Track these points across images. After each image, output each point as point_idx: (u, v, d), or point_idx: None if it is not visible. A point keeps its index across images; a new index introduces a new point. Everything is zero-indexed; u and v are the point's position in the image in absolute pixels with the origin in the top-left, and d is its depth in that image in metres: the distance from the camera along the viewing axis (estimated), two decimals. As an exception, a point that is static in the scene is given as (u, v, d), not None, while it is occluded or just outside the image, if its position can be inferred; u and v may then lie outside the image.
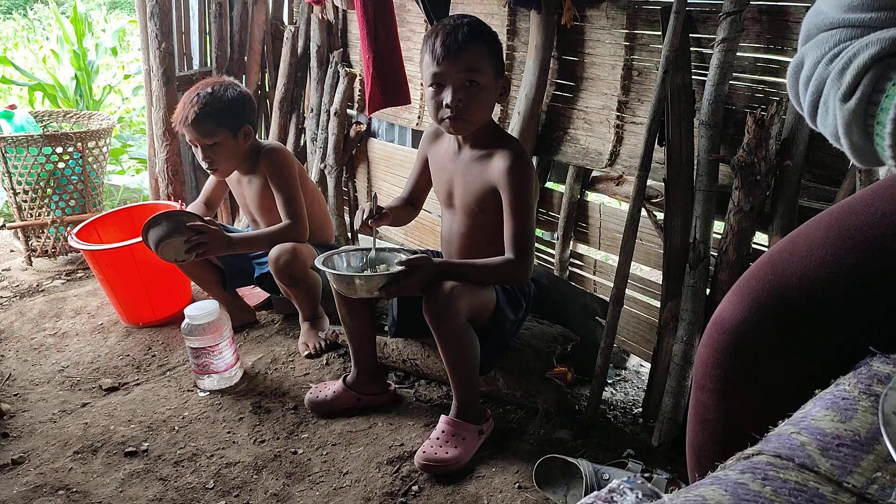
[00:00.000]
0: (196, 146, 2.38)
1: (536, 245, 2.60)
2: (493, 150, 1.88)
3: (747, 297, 0.92)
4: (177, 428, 2.09)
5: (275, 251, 2.34)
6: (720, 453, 0.93)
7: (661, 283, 2.02)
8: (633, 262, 2.01)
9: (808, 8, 1.61)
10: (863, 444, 0.65)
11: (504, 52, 1.89)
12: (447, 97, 1.79)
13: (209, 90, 2.34)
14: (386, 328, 2.26)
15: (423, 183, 2.18)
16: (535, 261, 2.57)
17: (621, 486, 0.75)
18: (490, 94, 1.83)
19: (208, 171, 2.46)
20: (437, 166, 2.06)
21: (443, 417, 1.93)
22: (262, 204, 2.54)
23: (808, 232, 0.94)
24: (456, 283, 1.78)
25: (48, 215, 3.28)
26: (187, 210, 2.38)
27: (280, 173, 2.42)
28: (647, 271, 2.31)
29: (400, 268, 1.78)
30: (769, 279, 0.91)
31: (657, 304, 2.10)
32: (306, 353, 2.47)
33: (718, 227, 1.86)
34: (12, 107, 3.70)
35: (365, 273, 1.86)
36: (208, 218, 2.32)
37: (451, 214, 2.04)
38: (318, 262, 1.90)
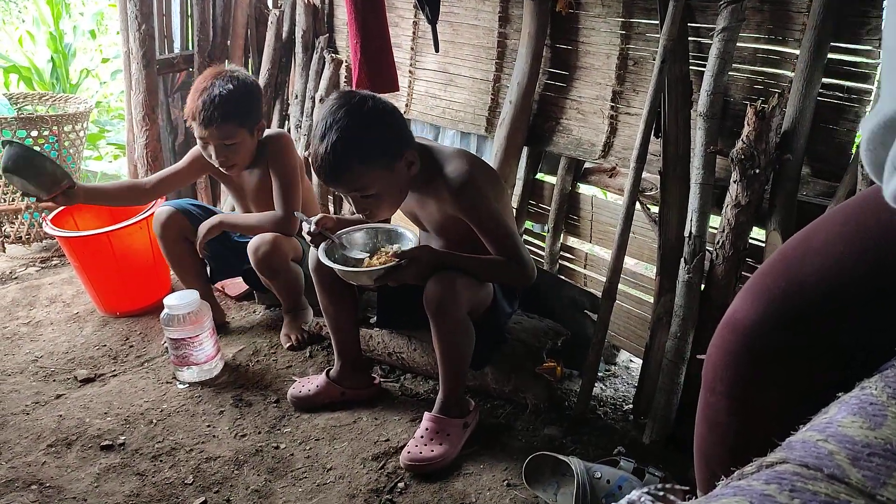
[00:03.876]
0: (208, 144, 2.24)
1: (526, 238, 2.56)
2: (436, 180, 1.79)
3: (761, 297, 0.87)
4: (155, 421, 2.02)
5: (254, 242, 2.27)
6: (731, 457, 0.88)
7: (652, 277, 1.99)
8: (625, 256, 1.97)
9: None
10: (895, 454, 0.61)
11: (398, 129, 1.75)
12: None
13: (229, 87, 2.18)
14: (371, 320, 2.21)
15: None
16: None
17: (642, 499, 0.70)
18: (386, 188, 1.75)
19: (222, 170, 2.34)
20: None
21: (426, 415, 1.88)
22: (260, 194, 2.45)
23: (822, 227, 0.90)
24: (459, 274, 1.74)
25: (22, 201, 3.19)
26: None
27: (284, 160, 2.32)
28: (633, 264, 2.28)
29: (394, 261, 1.73)
30: (784, 277, 0.87)
31: (648, 298, 2.07)
32: (288, 345, 2.41)
33: (714, 221, 1.82)
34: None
35: (355, 269, 1.80)
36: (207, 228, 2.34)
37: (427, 235, 2.00)
38: (320, 252, 1.85)
